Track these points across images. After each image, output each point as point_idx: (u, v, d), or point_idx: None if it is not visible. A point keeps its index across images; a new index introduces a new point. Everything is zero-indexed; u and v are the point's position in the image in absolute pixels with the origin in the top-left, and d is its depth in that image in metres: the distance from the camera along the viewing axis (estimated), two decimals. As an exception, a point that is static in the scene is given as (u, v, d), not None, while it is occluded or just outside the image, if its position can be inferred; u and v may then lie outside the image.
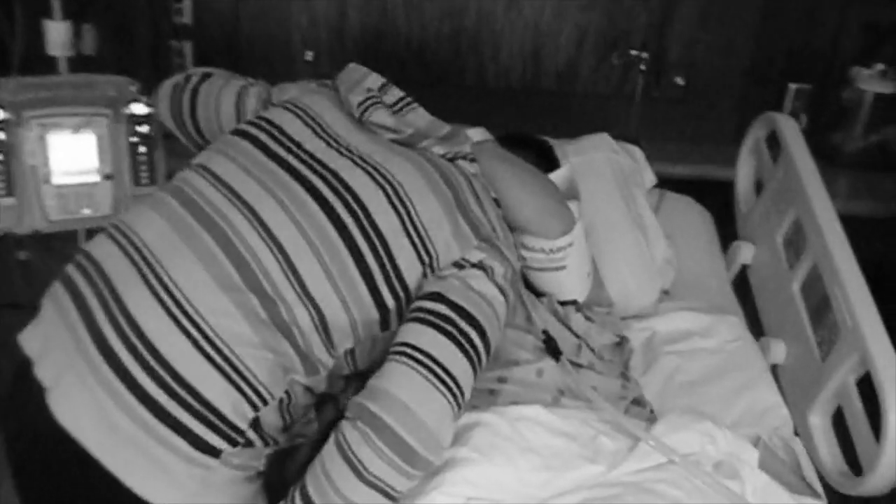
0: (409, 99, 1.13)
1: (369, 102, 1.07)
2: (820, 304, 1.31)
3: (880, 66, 2.17)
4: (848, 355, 1.19)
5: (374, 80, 1.13)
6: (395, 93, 1.12)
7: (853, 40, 2.13)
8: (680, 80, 2.13)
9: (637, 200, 1.49)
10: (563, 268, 1.16)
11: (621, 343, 1.19)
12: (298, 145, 1.02)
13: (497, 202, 1.08)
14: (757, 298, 1.51)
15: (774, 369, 1.37)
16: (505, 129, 2.17)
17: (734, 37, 2.12)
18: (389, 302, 0.94)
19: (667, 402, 1.19)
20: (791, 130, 1.48)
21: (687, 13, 2.08)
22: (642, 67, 1.91)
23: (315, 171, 0.98)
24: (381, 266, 0.94)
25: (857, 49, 2.14)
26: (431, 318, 0.90)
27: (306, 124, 1.05)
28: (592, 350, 1.12)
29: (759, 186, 1.64)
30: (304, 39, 2.12)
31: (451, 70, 2.15)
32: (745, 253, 1.54)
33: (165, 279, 0.89)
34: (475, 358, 0.90)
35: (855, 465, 1.19)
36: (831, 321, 1.27)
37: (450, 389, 0.86)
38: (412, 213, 0.96)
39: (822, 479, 1.19)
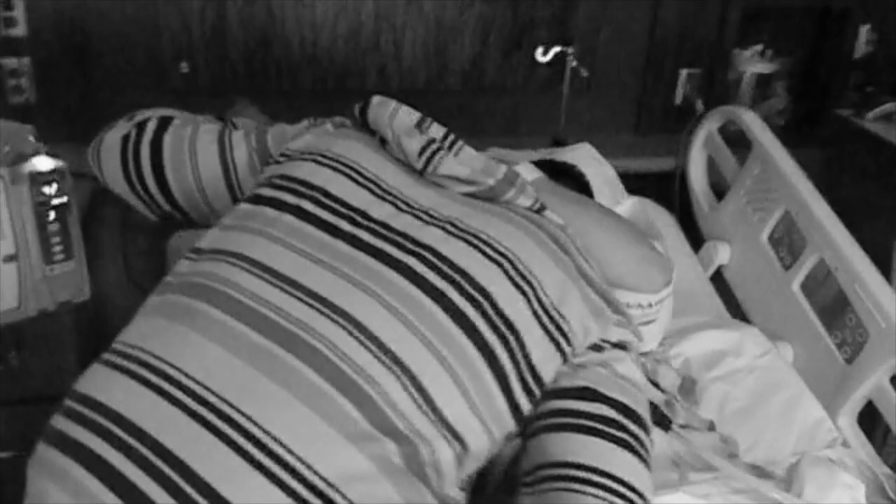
0: (454, 136, 0.90)
1: (432, 149, 0.84)
2: (832, 304, 1.28)
3: (758, 48, 2.23)
4: (885, 357, 1.15)
5: (408, 114, 0.89)
6: (436, 129, 0.90)
7: (735, 25, 2.16)
8: (584, 72, 2.04)
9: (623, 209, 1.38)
10: (653, 321, 1.00)
11: (684, 383, 1.07)
12: (363, 214, 0.76)
13: None
14: (744, 300, 1.46)
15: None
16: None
17: (631, 26, 2.07)
18: (525, 406, 0.73)
19: (729, 433, 1.09)
20: (757, 125, 1.44)
21: (587, 4, 1.99)
22: (573, 63, 1.78)
23: (404, 249, 0.73)
24: (516, 365, 0.72)
25: (738, 33, 2.18)
26: (596, 424, 0.71)
27: (357, 183, 0.80)
28: (679, 403, 0.99)
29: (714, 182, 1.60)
30: (176, 49, 1.77)
31: (350, 74, 1.90)
32: (722, 253, 1.48)
33: (256, 431, 0.61)
34: (650, 463, 0.72)
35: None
36: (851, 322, 1.23)
37: None
38: (538, 291, 0.75)
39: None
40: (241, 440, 0.60)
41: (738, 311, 1.46)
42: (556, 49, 1.77)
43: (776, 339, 1.34)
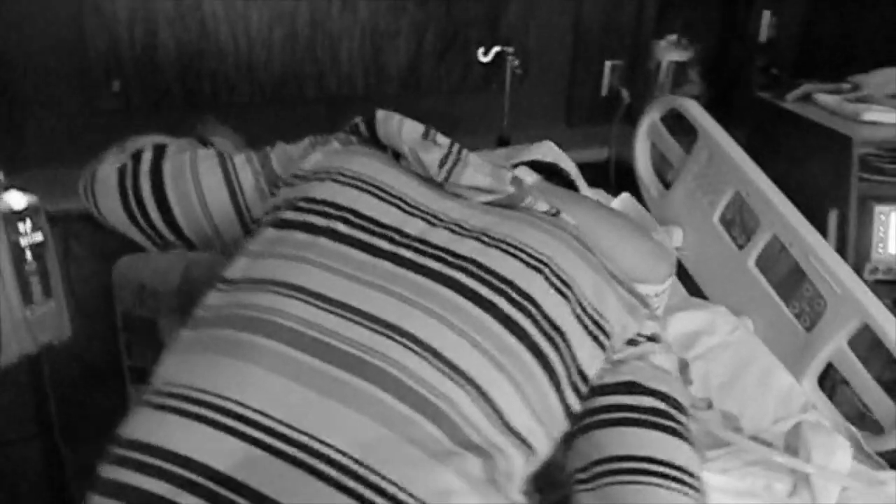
0: (458, 146, 0.91)
1: (451, 160, 0.84)
2: (787, 278, 1.36)
3: (672, 37, 2.34)
4: (844, 322, 1.24)
5: (413, 127, 0.89)
6: (442, 140, 0.90)
7: (652, 15, 2.25)
8: (518, 70, 2.08)
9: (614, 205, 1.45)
10: (657, 309, 1.04)
11: (679, 365, 1.12)
12: (398, 231, 0.76)
13: None
14: (701, 280, 1.53)
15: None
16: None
17: (557, 22, 2.12)
18: (575, 406, 0.75)
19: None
20: (700, 113, 1.51)
21: (516, 3, 2.02)
22: (516, 63, 1.82)
23: (448, 263, 0.73)
24: (566, 368, 0.73)
25: (655, 22, 2.27)
26: (647, 416, 0.73)
27: (383, 200, 0.79)
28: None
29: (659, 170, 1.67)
30: (106, 66, 1.69)
31: (288, 82, 1.87)
32: (676, 237, 1.55)
33: (342, 460, 0.59)
34: (695, 447, 0.76)
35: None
36: (809, 292, 1.32)
37: (697, 491, 0.72)
38: (577, 294, 0.76)
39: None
40: (329, 470, 0.59)
41: (695, 292, 1.53)
42: (497, 49, 1.80)
43: (737, 315, 1.42)
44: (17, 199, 0.97)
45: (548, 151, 1.48)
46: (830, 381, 1.42)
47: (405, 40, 1.94)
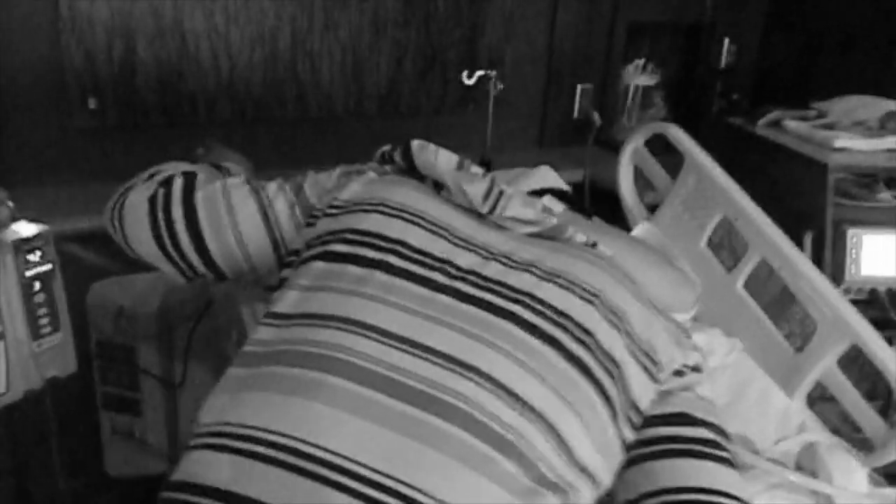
0: (490, 174, 0.91)
1: (496, 192, 0.84)
2: (777, 300, 1.40)
3: (639, 62, 2.40)
4: (834, 343, 1.28)
5: (449, 158, 0.89)
6: (476, 170, 0.90)
7: (622, 42, 2.30)
8: (498, 89, 2.09)
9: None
10: None
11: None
12: (451, 264, 0.75)
13: None
14: (688, 301, 1.56)
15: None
16: (334, 161, 1.95)
17: (532, 46, 2.15)
18: (630, 438, 0.76)
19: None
20: (685, 138, 1.55)
21: (492, 27, 2.05)
22: (499, 86, 1.83)
23: (506, 297, 0.72)
24: (623, 401, 0.74)
25: (624, 47, 2.33)
26: (700, 447, 0.74)
27: (431, 232, 0.78)
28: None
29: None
30: (82, 84, 1.63)
31: (269, 103, 1.84)
32: (662, 260, 1.58)
33: (426, 500, 0.58)
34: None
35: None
36: (798, 314, 1.36)
37: None
38: (629, 325, 0.76)
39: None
40: None
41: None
42: (480, 72, 1.81)
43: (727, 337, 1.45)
44: (27, 228, 0.93)
45: (547, 176, 1.49)
46: (809, 399, 1.47)
47: (385, 61, 1.93)
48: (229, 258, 0.86)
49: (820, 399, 1.43)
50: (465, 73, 1.79)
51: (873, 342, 1.23)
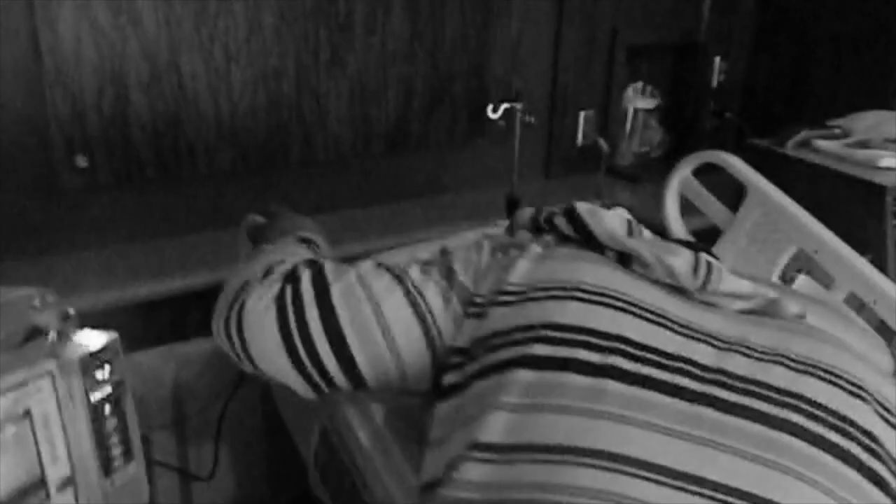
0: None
1: (705, 265, 0.69)
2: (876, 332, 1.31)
3: (639, 84, 2.32)
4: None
5: (616, 220, 0.74)
6: (646, 234, 0.75)
7: (622, 66, 2.21)
8: (501, 122, 1.97)
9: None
10: None
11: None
12: (689, 361, 0.60)
13: None
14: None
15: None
16: (344, 206, 1.78)
17: (533, 77, 2.04)
18: None
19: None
20: (744, 167, 1.45)
21: (499, 57, 1.92)
22: (530, 119, 1.70)
23: (771, 401, 0.57)
24: None
25: (625, 72, 2.24)
26: None
27: (645, 319, 0.63)
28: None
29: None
30: (69, 139, 1.40)
31: (272, 148, 1.65)
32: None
33: None
34: None
35: None
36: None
37: None
38: (890, 416, 0.65)
39: None
40: None
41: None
42: (506, 105, 1.68)
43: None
44: (95, 339, 0.73)
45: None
46: None
47: (393, 96, 1.78)
48: (377, 365, 0.68)
49: None
50: (490, 107, 1.65)
51: None
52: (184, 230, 1.59)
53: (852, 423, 0.58)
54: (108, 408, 0.74)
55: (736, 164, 1.45)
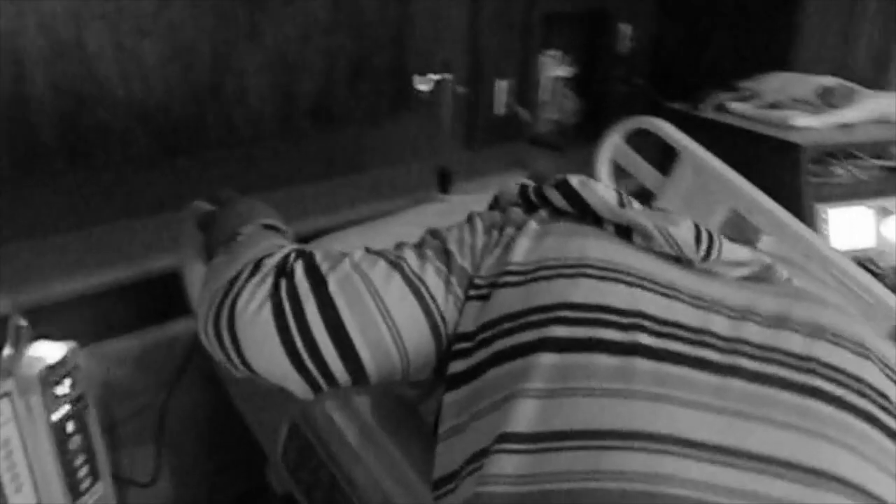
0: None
1: (707, 235, 0.68)
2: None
3: (555, 52, 2.32)
4: (879, 324, 1.27)
5: (608, 194, 0.72)
6: (636, 204, 0.74)
7: (538, 33, 2.21)
8: (425, 94, 1.92)
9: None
10: None
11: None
12: (710, 333, 0.59)
13: None
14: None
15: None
16: (267, 185, 1.68)
17: (452, 46, 2.00)
18: None
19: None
20: (675, 131, 1.48)
21: (420, 27, 1.86)
22: (461, 89, 1.66)
23: (792, 367, 0.58)
24: None
25: (540, 40, 2.23)
26: None
27: (658, 294, 0.61)
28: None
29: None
30: (-39, 128, 1.26)
31: (192, 129, 1.54)
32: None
33: None
34: None
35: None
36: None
37: None
38: (893, 374, 0.65)
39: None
40: None
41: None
42: (436, 76, 1.63)
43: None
44: (53, 351, 0.64)
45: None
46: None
47: (315, 69, 1.70)
48: (382, 359, 0.64)
49: None
50: (419, 78, 1.60)
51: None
52: (100, 221, 1.47)
53: (866, 384, 0.59)
54: (70, 425, 0.66)
55: (667, 129, 1.48)
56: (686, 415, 0.53)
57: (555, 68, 2.27)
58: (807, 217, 1.59)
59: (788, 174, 1.61)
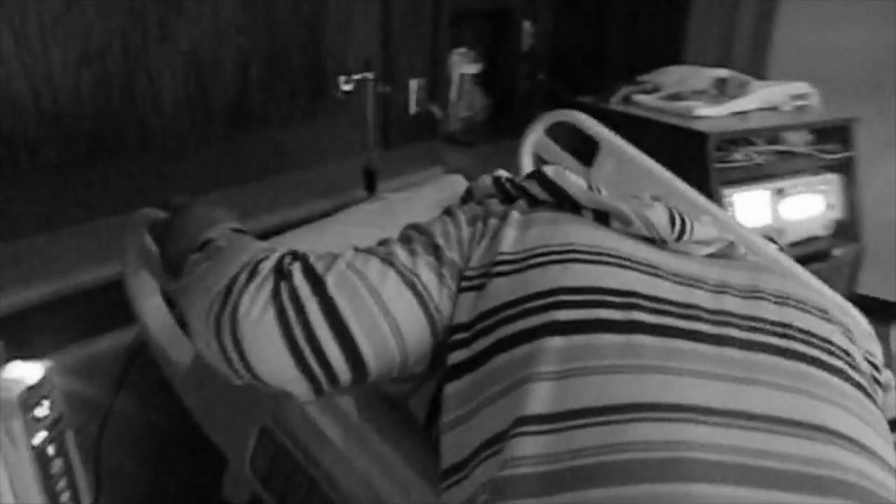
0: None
1: (679, 216, 0.71)
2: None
3: (463, 50, 2.35)
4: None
5: (580, 181, 0.75)
6: (605, 192, 0.76)
7: (447, 31, 2.23)
8: (342, 95, 1.91)
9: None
10: None
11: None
12: (697, 307, 0.62)
13: None
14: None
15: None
16: (188, 192, 1.62)
17: (367, 46, 1.99)
18: None
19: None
20: (595, 124, 1.54)
21: (333, 27, 1.85)
22: (386, 89, 1.65)
23: (774, 334, 0.62)
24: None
25: (449, 39, 2.26)
26: None
27: (643, 273, 0.64)
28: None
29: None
30: None
31: (104, 135, 1.47)
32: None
33: None
34: None
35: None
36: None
37: None
38: (856, 341, 0.71)
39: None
40: None
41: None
42: (357, 76, 1.62)
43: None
44: (30, 372, 0.60)
45: (456, 184, 1.35)
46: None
47: (230, 71, 1.65)
48: (383, 355, 0.63)
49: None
50: (342, 79, 1.59)
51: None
52: (13, 235, 1.37)
53: (834, 345, 0.65)
54: (51, 449, 0.63)
55: (587, 122, 1.52)
56: (693, 384, 0.56)
57: (464, 66, 2.30)
58: (715, 200, 1.69)
59: (696, 161, 1.70)
